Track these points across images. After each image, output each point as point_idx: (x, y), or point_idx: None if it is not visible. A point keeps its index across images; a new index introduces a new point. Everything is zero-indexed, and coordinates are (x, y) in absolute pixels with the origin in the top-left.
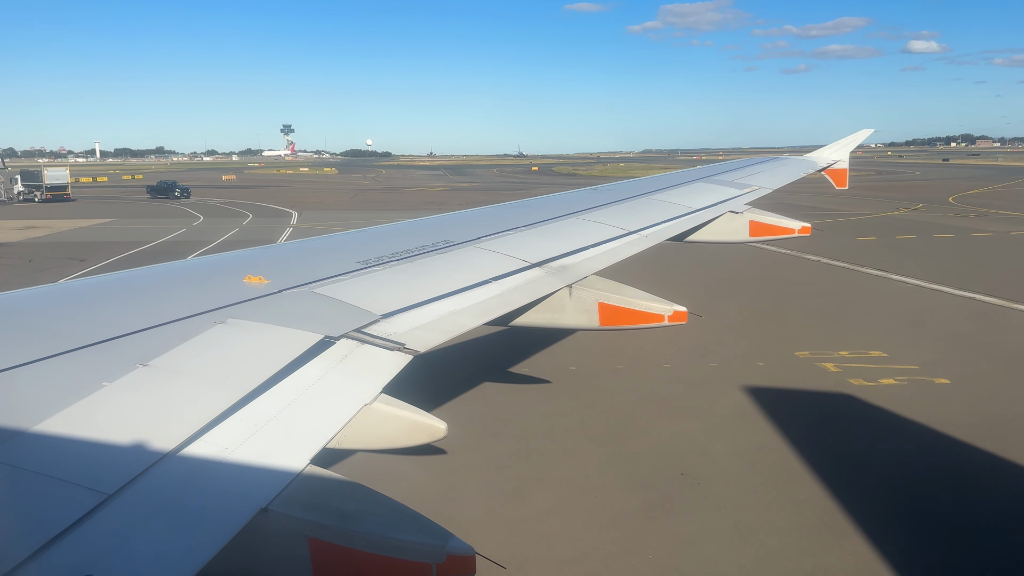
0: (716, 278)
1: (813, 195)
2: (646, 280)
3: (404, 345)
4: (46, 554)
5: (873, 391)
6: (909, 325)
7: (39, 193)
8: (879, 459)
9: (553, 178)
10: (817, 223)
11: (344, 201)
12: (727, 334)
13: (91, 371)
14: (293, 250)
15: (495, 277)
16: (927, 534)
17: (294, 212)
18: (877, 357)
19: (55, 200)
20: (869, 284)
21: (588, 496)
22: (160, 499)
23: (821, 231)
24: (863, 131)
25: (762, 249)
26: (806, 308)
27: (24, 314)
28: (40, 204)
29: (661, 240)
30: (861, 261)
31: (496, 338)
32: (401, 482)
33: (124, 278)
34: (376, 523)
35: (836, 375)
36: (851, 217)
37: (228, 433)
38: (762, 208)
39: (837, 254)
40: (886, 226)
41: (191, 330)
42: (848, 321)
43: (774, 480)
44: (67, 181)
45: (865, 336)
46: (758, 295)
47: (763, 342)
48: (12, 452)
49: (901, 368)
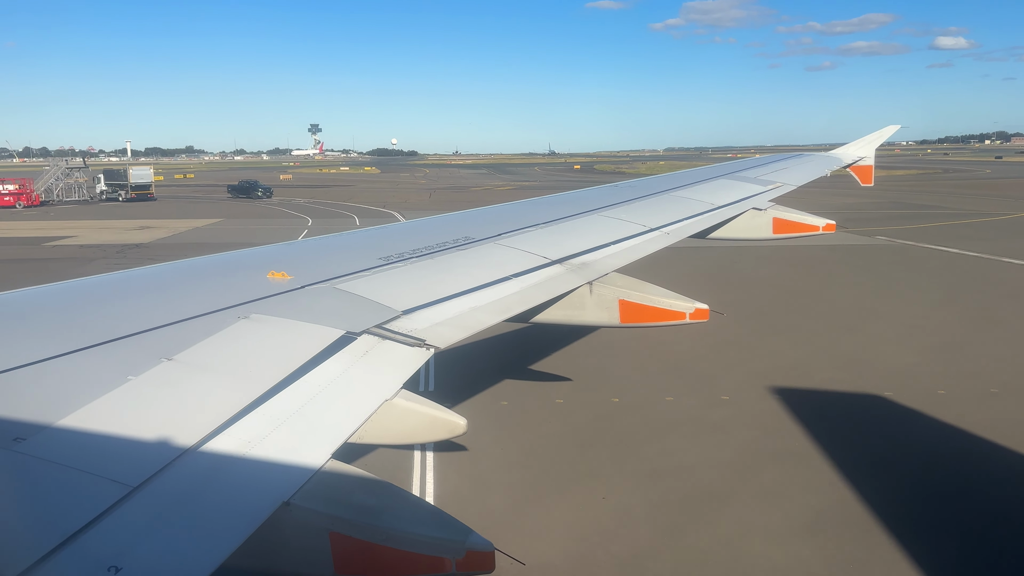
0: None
1: (920, 193)
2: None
3: (425, 341)
4: (72, 546)
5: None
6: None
7: (123, 192)
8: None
9: (599, 176)
10: (957, 223)
11: (427, 201)
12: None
13: (117, 365)
14: (315, 246)
15: (516, 274)
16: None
17: (395, 213)
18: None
19: (139, 199)
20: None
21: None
22: (184, 492)
23: (984, 237)
24: (889, 127)
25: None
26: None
27: (51, 309)
28: (125, 203)
29: (683, 237)
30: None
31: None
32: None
33: (150, 273)
34: (396, 518)
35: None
36: (993, 217)
37: (251, 427)
38: (789, 205)
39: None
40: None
41: (215, 325)
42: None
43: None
44: (151, 180)
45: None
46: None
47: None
48: (39, 445)
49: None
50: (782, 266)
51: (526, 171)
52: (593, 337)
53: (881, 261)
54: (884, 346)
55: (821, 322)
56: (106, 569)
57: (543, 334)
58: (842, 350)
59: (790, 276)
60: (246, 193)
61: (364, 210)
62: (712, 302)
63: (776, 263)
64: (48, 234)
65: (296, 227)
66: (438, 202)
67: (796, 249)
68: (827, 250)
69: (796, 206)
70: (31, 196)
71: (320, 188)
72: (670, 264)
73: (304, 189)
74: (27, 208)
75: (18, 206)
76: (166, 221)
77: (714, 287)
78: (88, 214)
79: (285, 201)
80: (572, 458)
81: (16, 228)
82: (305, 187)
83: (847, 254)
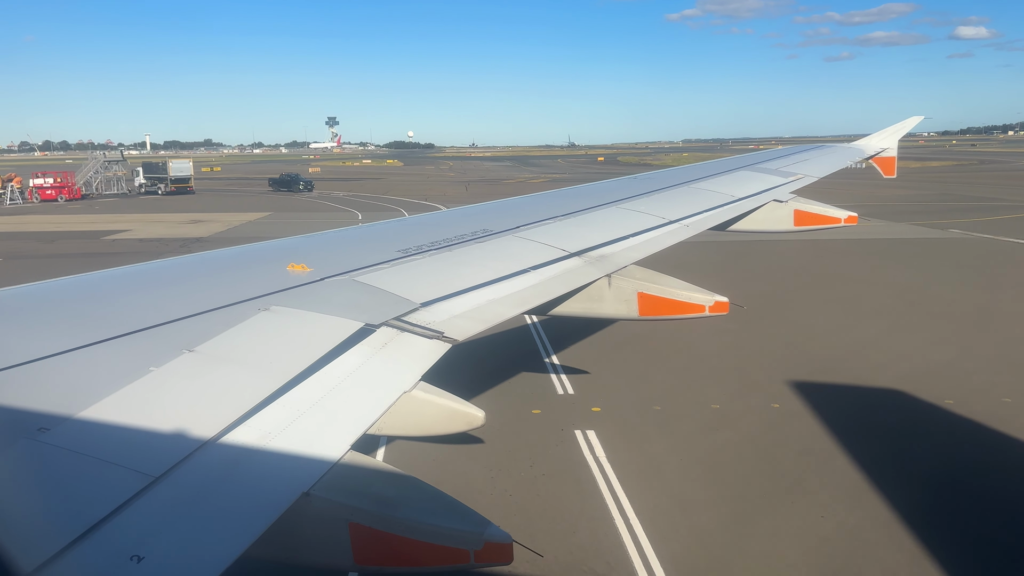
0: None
1: (967, 185)
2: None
3: (443, 333)
4: (95, 535)
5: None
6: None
7: (163, 186)
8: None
9: (625, 168)
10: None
11: (465, 194)
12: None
13: (139, 356)
14: (335, 239)
15: (534, 266)
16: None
17: (438, 206)
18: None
19: (179, 193)
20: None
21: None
22: (204, 482)
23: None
24: (912, 118)
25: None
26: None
27: (75, 301)
28: (165, 197)
29: (703, 229)
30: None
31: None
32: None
33: (171, 265)
34: (415, 509)
35: None
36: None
37: (271, 418)
38: (810, 197)
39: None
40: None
41: (236, 317)
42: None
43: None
44: (191, 174)
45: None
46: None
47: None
48: (63, 435)
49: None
50: (875, 262)
51: (550, 163)
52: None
53: (971, 255)
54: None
55: (968, 324)
56: (128, 558)
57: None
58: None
59: (894, 274)
60: (287, 187)
61: (407, 203)
62: (814, 304)
63: (865, 259)
64: (101, 228)
65: (347, 221)
66: (477, 195)
67: (874, 243)
68: (903, 244)
69: (837, 199)
70: (72, 189)
71: (352, 181)
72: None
73: (337, 182)
74: (69, 201)
75: (60, 199)
76: (215, 215)
77: (808, 284)
78: (133, 208)
79: (324, 194)
80: (763, 469)
81: (67, 222)
82: (337, 180)
83: (930, 248)
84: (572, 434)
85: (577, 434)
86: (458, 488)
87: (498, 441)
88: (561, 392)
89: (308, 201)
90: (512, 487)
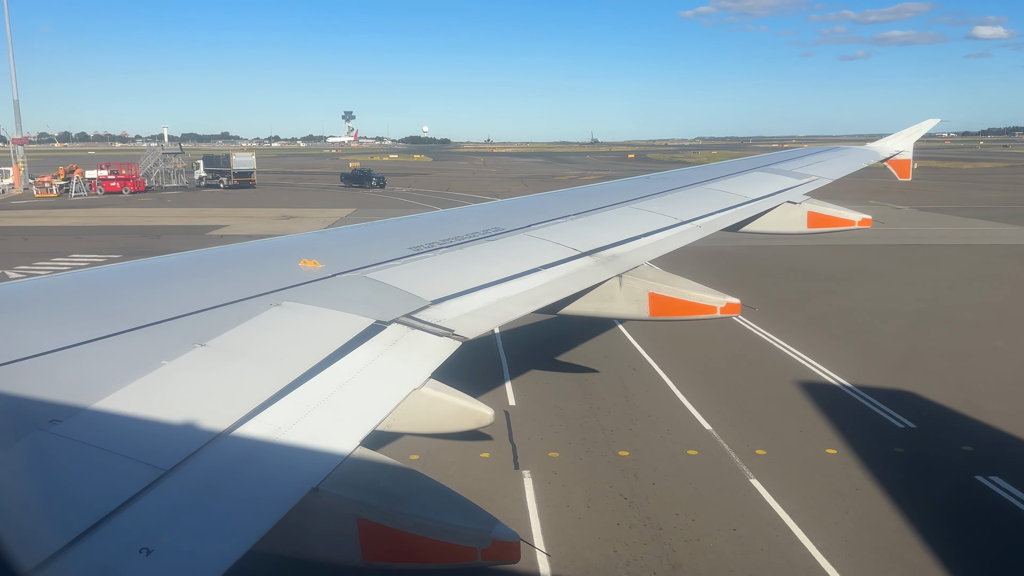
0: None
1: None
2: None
3: (453, 331)
4: (104, 527)
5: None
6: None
7: (225, 179)
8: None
9: (656, 166)
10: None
11: (525, 190)
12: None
13: (151, 350)
14: (347, 235)
15: (545, 265)
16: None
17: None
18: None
19: (241, 186)
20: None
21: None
22: (215, 476)
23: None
24: (928, 121)
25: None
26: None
27: (87, 294)
28: (228, 191)
29: (715, 231)
30: None
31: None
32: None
33: (184, 260)
34: (423, 506)
35: None
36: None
37: (281, 413)
38: (825, 199)
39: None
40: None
41: (248, 312)
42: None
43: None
44: (253, 167)
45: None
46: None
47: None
48: (74, 428)
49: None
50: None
51: (580, 160)
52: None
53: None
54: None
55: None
56: (138, 550)
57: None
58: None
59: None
60: (359, 182)
61: (476, 199)
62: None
63: (990, 277)
64: (195, 223)
65: None
66: (536, 190)
67: (991, 250)
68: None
69: (926, 201)
70: (137, 182)
71: (401, 176)
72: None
73: (390, 178)
74: (133, 194)
75: (124, 191)
76: (302, 210)
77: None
78: (206, 201)
79: (394, 191)
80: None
81: (154, 216)
82: (387, 175)
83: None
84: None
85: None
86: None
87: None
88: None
89: (384, 197)
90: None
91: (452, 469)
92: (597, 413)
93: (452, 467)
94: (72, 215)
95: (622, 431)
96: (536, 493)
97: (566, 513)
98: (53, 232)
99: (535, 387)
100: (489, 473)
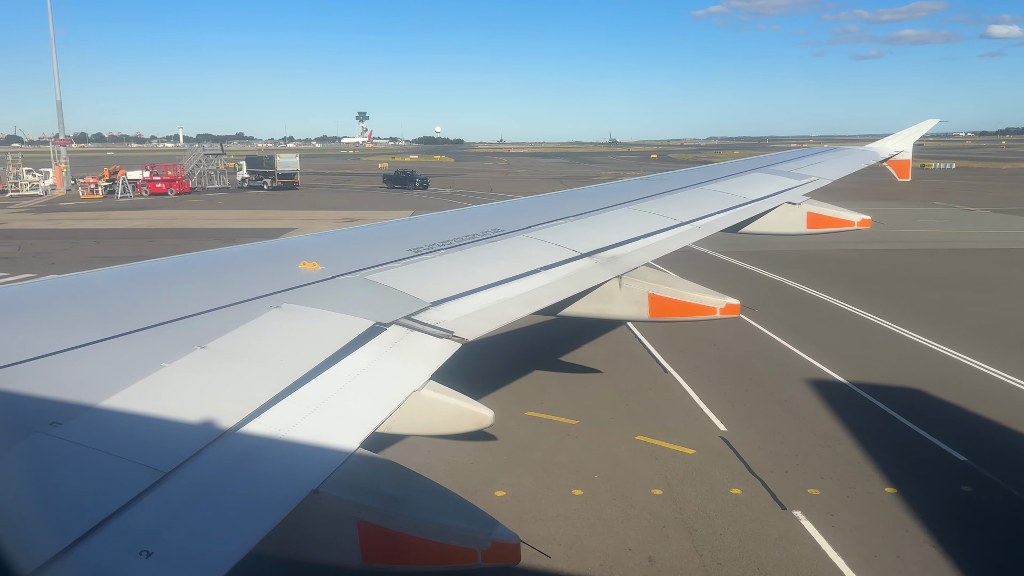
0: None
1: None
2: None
3: (453, 333)
4: (104, 530)
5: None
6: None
7: (269, 180)
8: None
9: (680, 165)
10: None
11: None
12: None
13: (151, 352)
14: (346, 237)
15: (544, 267)
16: None
17: None
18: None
19: (285, 188)
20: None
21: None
22: (215, 479)
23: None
24: (928, 121)
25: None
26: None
27: (87, 296)
28: (272, 192)
29: (715, 231)
30: None
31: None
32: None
33: (185, 262)
34: (423, 508)
35: None
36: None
37: (281, 416)
38: (823, 200)
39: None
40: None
41: (247, 314)
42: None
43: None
44: (297, 168)
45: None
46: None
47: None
48: (74, 430)
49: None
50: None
51: (602, 160)
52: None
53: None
54: None
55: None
56: (137, 553)
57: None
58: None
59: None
60: (402, 183)
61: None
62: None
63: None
64: (261, 226)
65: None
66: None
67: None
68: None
69: (982, 201)
70: (182, 183)
71: (436, 177)
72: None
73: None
74: (180, 196)
75: (170, 193)
76: (362, 212)
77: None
78: (257, 203)
79: (432, 192)
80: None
81: (217, 218)
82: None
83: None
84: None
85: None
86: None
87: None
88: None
89: (434, 199)
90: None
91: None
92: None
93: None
94: (130, 217)
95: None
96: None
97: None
98: (121, 235)
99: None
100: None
